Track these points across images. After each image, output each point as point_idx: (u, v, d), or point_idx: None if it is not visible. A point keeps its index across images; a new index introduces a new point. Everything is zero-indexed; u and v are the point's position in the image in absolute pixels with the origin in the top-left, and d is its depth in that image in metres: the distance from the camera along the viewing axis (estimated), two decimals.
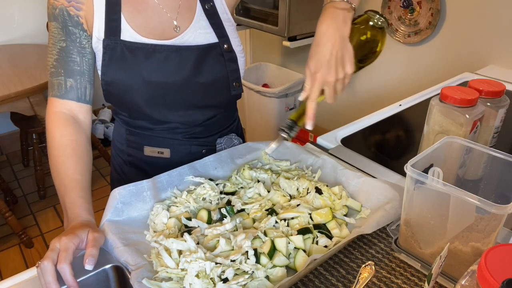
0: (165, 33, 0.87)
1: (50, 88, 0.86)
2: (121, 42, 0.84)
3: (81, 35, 0.85)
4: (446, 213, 0.62)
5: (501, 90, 0.86)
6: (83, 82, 0.86)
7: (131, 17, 0.85)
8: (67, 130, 0.84)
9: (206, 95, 0.91)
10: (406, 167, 0.63)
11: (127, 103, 0.89)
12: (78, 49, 0.85)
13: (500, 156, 0.67)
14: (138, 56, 0.85)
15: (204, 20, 0.90)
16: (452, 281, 0.65)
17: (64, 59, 0.84)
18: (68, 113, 0.86)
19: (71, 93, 0.85)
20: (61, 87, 0.85)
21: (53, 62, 0.85)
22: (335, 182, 0.87)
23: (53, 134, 0.84)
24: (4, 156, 2.97)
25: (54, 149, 0.82)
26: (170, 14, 0.88)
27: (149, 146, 0.96)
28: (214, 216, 0.77)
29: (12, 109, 2.10)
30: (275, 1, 1.99)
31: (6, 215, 2.07)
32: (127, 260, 0.66)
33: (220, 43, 0.90)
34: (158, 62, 0.85)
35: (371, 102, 2.25)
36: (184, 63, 0.87)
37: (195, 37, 0.88)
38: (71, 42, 0.84)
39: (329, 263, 0.70)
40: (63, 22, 0.83)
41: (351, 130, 1.14)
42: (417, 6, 1.86)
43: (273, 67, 2.76)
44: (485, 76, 1.53)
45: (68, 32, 0.84)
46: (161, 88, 0.87)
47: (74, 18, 0.83)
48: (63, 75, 0.84)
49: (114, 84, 0.86)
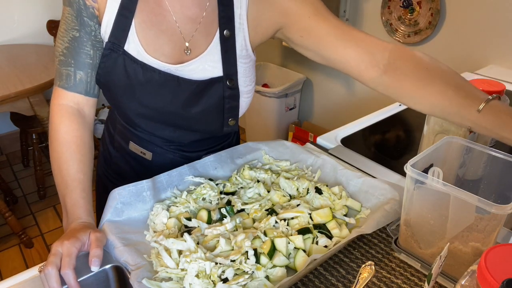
0: (172, 55, 0.81)
1: (58, 77, 0.81)
2: (123, 52, 0.79)
3: (96, 29, 0.79)
4: (446, 213, 0.62)
5: (501, 90, 0.86)
6: (93, 75, 0.81)
7: (142, 27, 0.79)
8: (72, 125, 0.80)
9: (197, 123, 0.87)
10: (406, 167, 0.63)
11: (119, 107, 0.86)
12: (93, 42, 0.80)
13: (500, 156, 0.67)
14: (137, 74, 0.80)
15: (217, 52, 0.82)
16: (452, 281, 0.64)
17: (76, 49, 0.79)
18: (75, 106, 0.82)
19: (80, 86, 0.81)
20: (70, 79, 0.80)
21: (63, 50, 0.80)
22: (335, 182, 0.87)
23: (57, 128, 0.80)
24: (4, 156, 2.97)
25: (58, 145, 0.79)
26: (184, 35, 0.81)
27: (134, 143, 0.94)
28: (214, 216, 0.77)
29: (12, 109, 2.10)
30: None
31: (6, 215, 2.07)
32: (127, 260, 0.66)
33: (224, 77, 0.83)
34: (155, 87, 0.81)
35: (371, 102, 2.25)
36: (180, 94, 0.82)
37: (201, 69, 0.82)
38: (85, 34, 0.79)
39: (329, 263, 0.70)
40: (78, 10, 0.78)
41: (351, 130, 1.14)
42: (417, 6, 1.86)
43: (273, 67, 2.76)
44: (485, 76, 1.53)
45: (83, 23, 0.78)
46: (152, 110, 0.84)
47: (89, 9, 0.78)
48: (73, 66, 0.79)
49: (106, 88, 0.83)
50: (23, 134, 2.70)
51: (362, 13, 2.11)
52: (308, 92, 2.65)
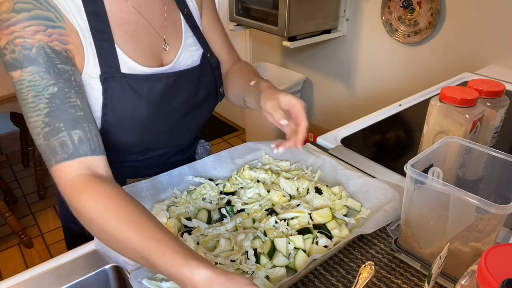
0: (157, 55, 0.79)
1: (51, 154, 0.62)
2: (121, 75, 0.72)
3: (74, 72, 0.67)
4: (446, 213, 0.62)
5: (501, 90, 0.86)
6: (92, 129, 0.66)
7: (123, 43, 0.73)
8: (96, 193, 0.60)
9: (200, 110, 0.89)
10: (406, 167, 0.63)
11: (123, 141, 0.78)
12: (76, 89, 0.66)
13: (500, 156, 0.67)
14: (143, 87, 0.75)
15: (190, 35, 0.85)
16: (452, 281, 0.64)
17: (59, 108, 0.63)
18: (87, 172, 0.63)
19: (82, 147, 0.63)
20: (67, 146, 0.62)
21: (44, 120, 0.62)
22: (335, 182, 0.87)
23: (86, 209, 0.59)
24: (4, 156, 2.97)
25: (99, 227, 0.59)
26: (158, 31, 0.80)
27: (133, 178, 0.85)
28: (214, 216, 0.77)
29: (12, 109, 2.10)
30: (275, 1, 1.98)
31: (6, 215, 2.07)
32: (127, 260, 0.66)
33: (205, 52, 0.87)
34: (162, 89, 0.78)
35: (371, 102, 2.26)
36: (185, 85, 0.83)
37: (188, 57, 0.84)
38: (65, 82, 0.64)
39: (329, 263, 0.70)
40: (46, 62, 0.63)
41: (351, 130, 1.14)
42: (417, 6, 1.86)
43: (273, 67, 2.76)
44: (485, 76, 1.53)
45: (58, 72, 0.64)
46: (166, 115, 0.81)
47: (62, 54, 0.65)
48: (65, 129, 0.62)
49: (115, 124, 0.74)
50: (23, 134, 2.70)
51: (362, 13, 2.11)
52: (308, 92, 2.65)
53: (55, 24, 0.66)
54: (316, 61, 2.49)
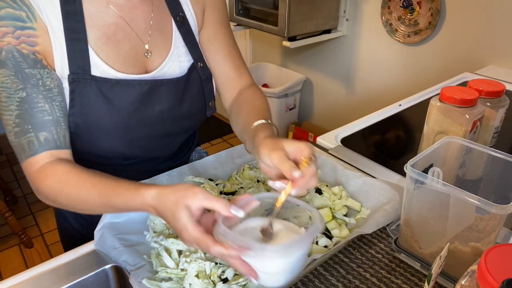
0: (139, 62, 0.76)
1: (21, 152, 0.68)
2: (92, 78, 0.71)
3: (42, 75, 0.67)
4: (446, 213, 0.62)
5: (501, 90, 0.86)
6: (60, 131, 0.69)
7: (99, 45, 0.71)
8: (57, 170, 0.67)
9: (185, 121, 0.85)
10: (406, 167, 0.63)
11: (97, 144, 0.76)
12: (44, 93, 0.67)
13: (500, 156, 0.67)
14: (116, 93, 0.73)
15: (181, 45, 0.81)
16: (452, 281, 0.64)
17: (28, 112, 0.66)
18: (51, 160, 0.69)
19: (47, 144, 0.68)
20: (33, 145, 0.67)
21: (15, 120, 0.66)
22: (335, 182, 0.86)
23: (50, 188, 0.67)
24: (4, 156, 2.97)
25: (63, 192, 0.67)
26: (141, 37, 0.76)
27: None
28: None
29: None
30: (275, 1, 1.99)
31: (6, 215, 2.07)
32: (127, 260, 0.66)
33: (195, 63, 0.82)
34: (141, 97, 0.75)
35: (371, 102, 2.26)
36: (167, 95, 0.78)
37: (175, 67, 0.79)
38: (32, 87, 0.66)
39: (329, 263, 0.70)
40: (15, 66, 0.65)
41: (351, 130, 1.14)
42: (417, 6, 1.86)
43: (273, 67, 2.76)
44: (485, 76, 1.53)
45: (25, 77, 0.66)
46: (141, 125, 0.77)
47: (29, 57, 0.66)
48: (32, 131, 0.67)
49: (84, 126, 0.73)
50: None
51: (362, 13, 2.11)
52: (308, 92, 2.65)
53: (24, 25, 0.66)
54: (316, 61, 2.49)
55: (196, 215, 0.57)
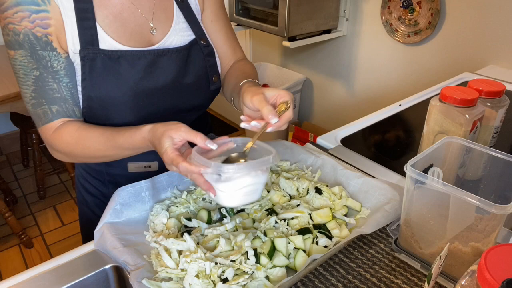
0: (144, 38, 0.83)
1: (37, 120, 0.79)
2: (100, 51, 0.78)
3: (50, 57, 0.76)
4: (446, 213, 0.62)
5: (501, 90, 0.86)
6: (69, 107, 0.79)
7: (106, 22, 0.79)
8: (70, 127, 0.79)
9: (192, 95, 0.89)
10: (406, 167, 0.63)
11: (112, 118, 0.83)
12: (52, 74, 0.77)
13: (500, 156, 0.67)
14: (123, 64, 0.79)
15: (183, 21, 0.87)
16: (452, 281, 0.64)
17: (42, 88, 0.77)
18: (63, 122, 0.80)
19: (59, 114, 0.79)
20: (47, 114, 0.78)
21: (32, 94, 0.77)
22: (335, 182, 0.86)
23: (65, 144, 0.78)
24: (4, 156, 2.97)
25: (78, 145, 0.78)
26: (145, 15, 0.83)
27: (134, 162, 0.91)
28: (214, 216, 0.77)
29: (12, 109, 2.10)
30: (275, 1, 1.99)
31: (6, 215, 2.07)
32: (126, 260, 0.66)
33: (197, 38, 0.88)
34: (146, 67, 0.81)
35: (371, 102, 2.26)
36: (171, 65, 0.84)
37: (177, 39, 0.86)
38: (44, 68, 0.76)
39: (329, 263, 0.70)
40: (30, 48, 0.74)
41: (351, 130, 1.14)
42: (417, 6, 1.86)
43: (273, 67, 2.76)
44: (485, 76, 1.53)
45: (38, 58, 0.75)
46: (149, 96, 0.83)
47: (42, 39, 0.74)
48: (46, 104, 0.77)
49: (97, 99, 0.80)
50: (23, 134, 2.70)
51: (362, 13, 2.11)
52: (308, 92, 2.65)
53: (39, 8, 0.73)
54: (316, 61, 2.49)
55: (178, 144, 0.67)
